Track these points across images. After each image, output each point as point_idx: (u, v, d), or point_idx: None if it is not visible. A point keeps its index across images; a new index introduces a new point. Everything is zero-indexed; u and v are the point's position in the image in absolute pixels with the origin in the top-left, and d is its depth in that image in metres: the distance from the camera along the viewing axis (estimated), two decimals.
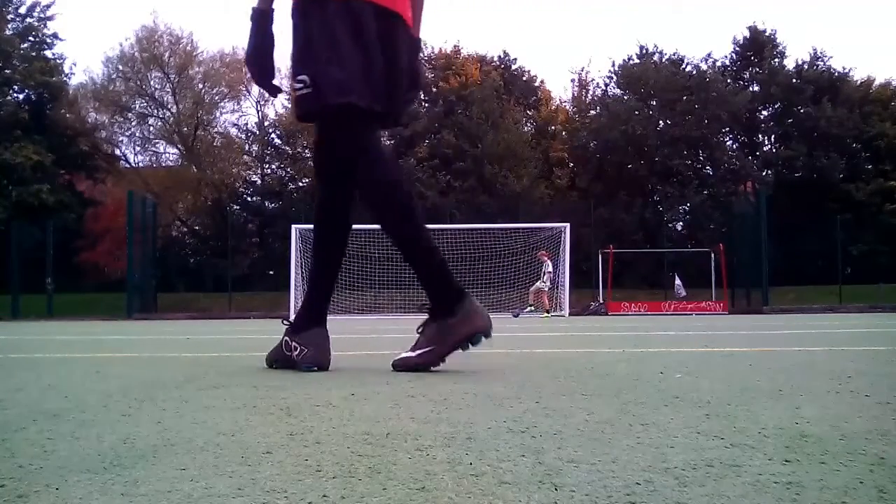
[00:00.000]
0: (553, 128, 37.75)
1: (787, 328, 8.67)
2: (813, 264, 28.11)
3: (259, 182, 36.80)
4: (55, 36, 34.63)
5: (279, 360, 3.11)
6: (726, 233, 28.96)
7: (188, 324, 15.38)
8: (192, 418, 1.98)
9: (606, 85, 36.69)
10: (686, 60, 35.40)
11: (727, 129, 34.83)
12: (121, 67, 35.22)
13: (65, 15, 65.42)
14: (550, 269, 20.25)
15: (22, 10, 34.08)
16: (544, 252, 20.54)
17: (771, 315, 18.51)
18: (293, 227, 22.50)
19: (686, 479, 1.22)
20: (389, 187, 2.87)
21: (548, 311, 19.76)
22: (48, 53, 34.39)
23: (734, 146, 35.66)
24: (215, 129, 36.88)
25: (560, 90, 63.27)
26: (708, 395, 2.33)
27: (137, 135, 36.54)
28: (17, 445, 1.62)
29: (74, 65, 56.15)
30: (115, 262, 32.02)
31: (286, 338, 3.06)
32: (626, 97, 34.34)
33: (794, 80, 33.93)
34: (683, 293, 23.95)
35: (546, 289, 20.12)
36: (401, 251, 2.85)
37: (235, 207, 34.89)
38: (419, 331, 2.94)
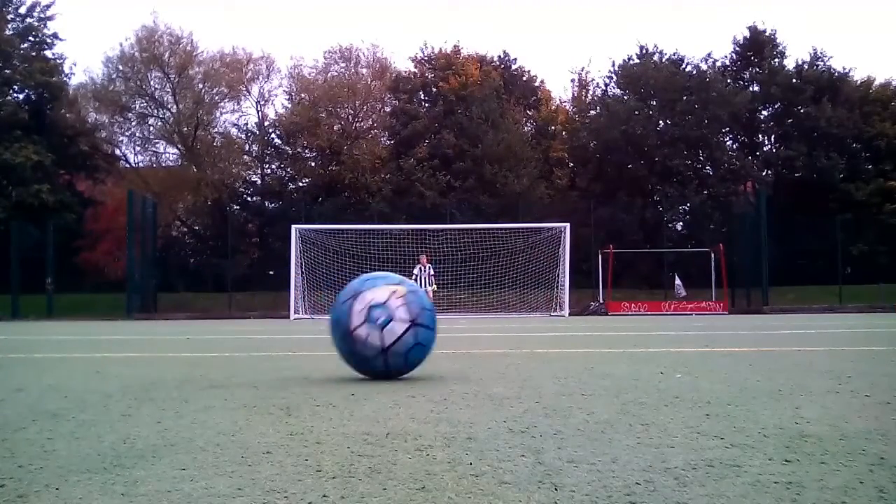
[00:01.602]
0: (553, 128, 37.72)
1: (787, 328, 8.67)
2: (813, 264, 28.08)
3: (259, 182, 36.77)
4: (55, 36, 34.58)
5: None
6: (726, 233, 28.94)
7: (188, 324, 15.37)
8: (192, 418, 1.98)
9: (606, 85, 36.69)
10: (686, 60, 35.37)
11: (727, 129, 34.78)
12: (121, 67, 35.16)
13: (65, 15, 65.40)
14: (416, 272, 20.10)
15: (22, 10, 34.02)
16: (424, 256, 20.39)
17: (771, 315, 18.51)
18: (293, 227, 22.50)
19: (686, 479, 1.22)
20: None
21: None
22: (48, 53, 34.32)
23: (734, 146, 35.61)
24: (215, 129, 36.83)
25: (560, 90, 63.31)
26: (708, 395, 2.33)
27: (137, 135, 36.50)
28: (17, 445, 1.61)
29: (74, 65, 56.03)
30: (115, 262, 31.99)
31: None
32: (626, 97, 34.30)
33: (794, 80, 33.88)
34: (683, 293, 23.94)
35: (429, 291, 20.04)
36: None
37: (235, 207, 34.85)
38: None
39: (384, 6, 64.36)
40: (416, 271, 20.32)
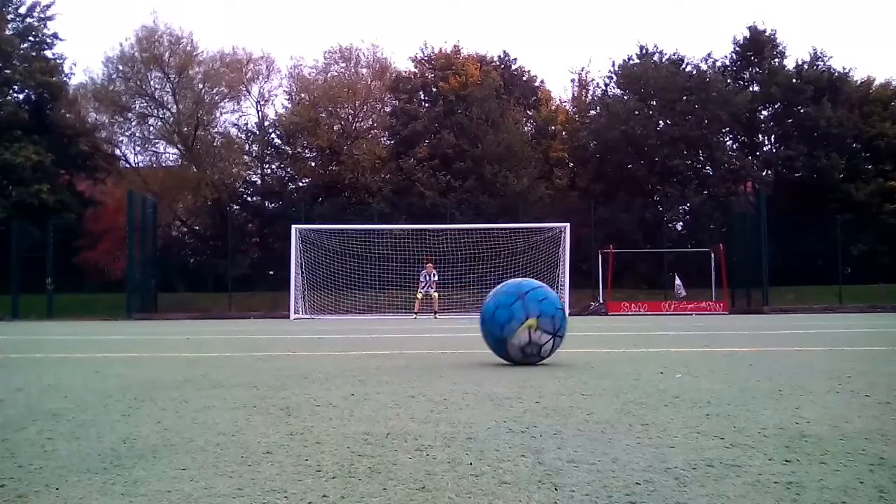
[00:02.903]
0: (553, 128, 37.70)
1: (787, 328, 8.67)
2: (813, 264, 28.08)
3: (259, 182, 36.76)
4: (55, 36, 34.54)
5: None
6: (726, 233, 28.93)
7: (188, 324, 15.37)
8: (192, 418, 1.98)
9: (606, 85, 36.66)
10: (686, 60, 35.34)
11: (727, 129, 34.76)
12: (121, 67, 35.15)
13: (65, 15, 65.44)
14: (422, 279, 20.49)
15: (22, 10, 33.99)
16: (431, 264, 20.73)
17: (771, 315, 18.50)
18: (293, 227, 22.51)
19: (686, 479, 1.22)
20: None
21: (416, 314, 19.97)
22: (48, 53, 34.29)
23: (734, 146, 35.60)
24: (215, 129, 36.83)
25: (560, 90, 63.35)
26: (708, 395, 2.33)
27: (137, 135, 36.47)
28: (17, 445, 1.61)
29: (74, 65, 56.04)
30: (115, 262, 32.00)
31: None
32: (626, 97, 34.29)
33: (794, 80, 33.85)
34: (683, 293, 23.94)
35: (419, 296, 20.37)
36: None
37: (235, 207, 34.84)
38: None
39: (384, 6, 64.44)
40: (422, 278, 20.51)
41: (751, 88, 34.92)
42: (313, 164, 35.60)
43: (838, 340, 5.98)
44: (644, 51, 35.33)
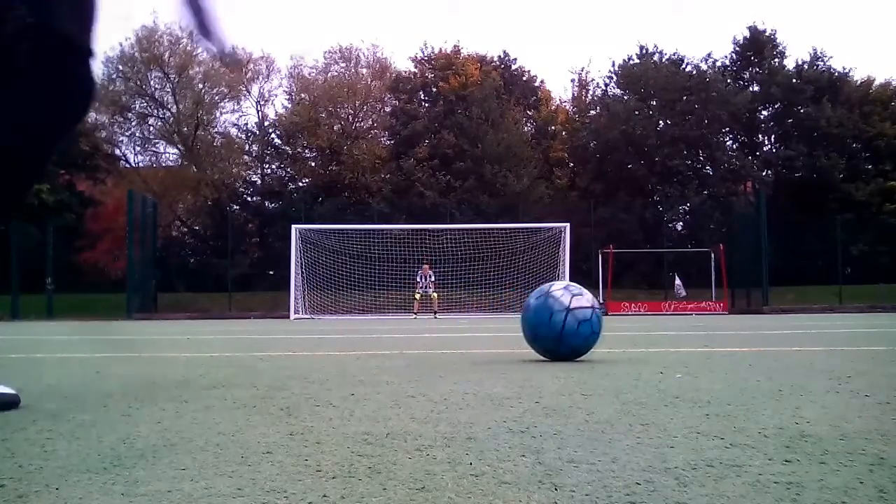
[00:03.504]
0: (553, 128, 37.73)
1: (787, 328, 8.67)
2: (813, 264, 28.10)
3: (259, 182, 36.79)
4: None
5: None
6: (726, 233, 28.95)
7: (188, 324, 15.36)
8: (192, 418, 1.98)
9: (606, 85, 36.72)
10: (686, 60, 35.40)
11: (727, 129, 34.80)
12: (121, 67, 35.20)
13: None
14: (419, 280, 20.87)
15: None
16: (427, 265, 21.11)
17: (771, 315, 18.50)
18: (293, 227, 22.52)
19: (686, 479, 1.22)
20: None
21: (415, 314, 20.22)
22: None
23: (734, 146, 35.63)
24: (215, 129, 36.88)
25: (560, 90, 63.34)
26: (708, 395, 2.33)
27: (137, 135, 36.54)
28: (17, 445, 1.61)
29: None
30: (115, 262, 32.00)
31: None
32: (626, 97, 34.31)
33: (794, 80, 33.89)
34: (683, 293, 23.94)
35: (418, 297, 20.72)
36: None
37: (235, 207, 34.85)
38: None
39: (384, 6, 64.43)
40: (419, 279, 20.55)
41: (751, 88, 34.95)
42: (313, 164, 35.63)
43: (838, 340, 5.98)
44: (644, 51, 35.37)
